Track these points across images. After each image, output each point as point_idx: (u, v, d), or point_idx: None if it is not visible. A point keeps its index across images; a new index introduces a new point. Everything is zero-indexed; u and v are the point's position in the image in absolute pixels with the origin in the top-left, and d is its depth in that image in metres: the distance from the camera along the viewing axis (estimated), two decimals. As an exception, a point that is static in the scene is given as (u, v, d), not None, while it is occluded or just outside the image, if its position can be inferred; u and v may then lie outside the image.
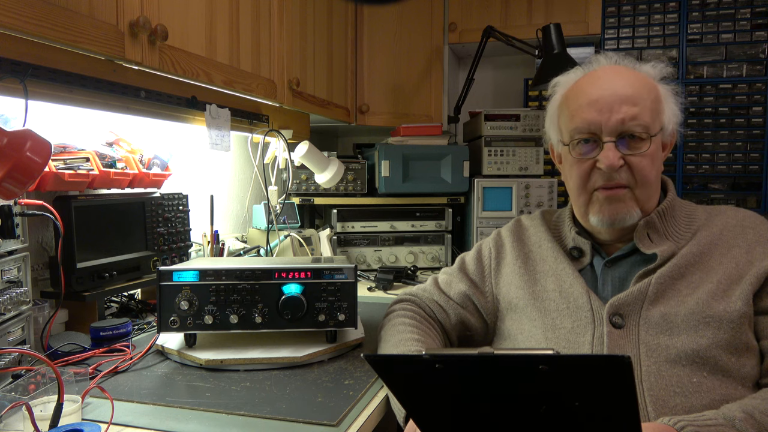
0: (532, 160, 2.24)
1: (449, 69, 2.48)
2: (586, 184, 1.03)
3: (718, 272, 0.96)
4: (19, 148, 0.91)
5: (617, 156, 0.98)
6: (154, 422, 0.85)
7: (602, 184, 1.01)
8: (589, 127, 1.00)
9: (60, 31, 0.95)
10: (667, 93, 1.04)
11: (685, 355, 0.91)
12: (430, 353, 0.63)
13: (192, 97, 1.43)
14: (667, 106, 1.03)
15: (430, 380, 0.68)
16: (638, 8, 2.24)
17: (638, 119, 0.98)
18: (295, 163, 1.88)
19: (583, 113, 1.00)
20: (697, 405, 0.88)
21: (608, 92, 1.00)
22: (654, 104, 1.00)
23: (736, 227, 1.02)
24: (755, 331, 0.95)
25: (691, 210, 1.07)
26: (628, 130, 0.98)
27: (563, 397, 0.64)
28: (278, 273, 1.12)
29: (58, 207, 1.18)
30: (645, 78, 1.03)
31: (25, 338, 1.08)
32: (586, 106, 1.00)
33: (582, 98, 1.02)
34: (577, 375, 0.61)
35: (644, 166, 0.99)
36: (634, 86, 1.00)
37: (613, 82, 1.01)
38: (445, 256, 2.25)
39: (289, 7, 1.70)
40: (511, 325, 1.11)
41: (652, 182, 1.02)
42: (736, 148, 2.17)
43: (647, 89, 1.01)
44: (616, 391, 0.60)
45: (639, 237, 1.02)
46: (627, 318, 0.97)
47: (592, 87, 1.02)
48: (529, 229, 1.19)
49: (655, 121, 1.00)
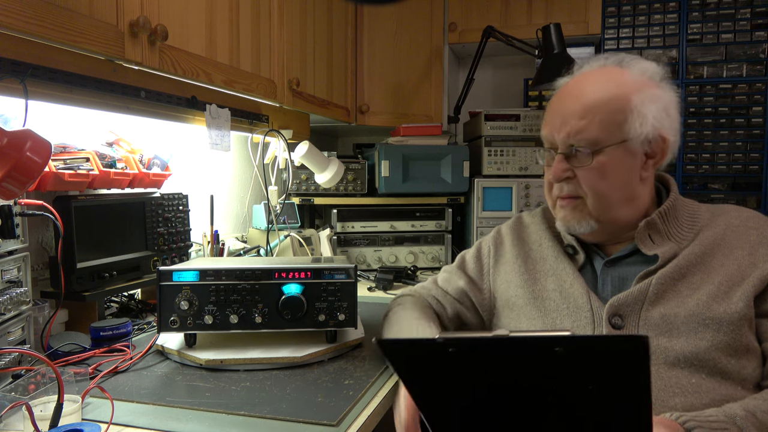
0: (532, 160, 2.24)
1: (449, 69, 2.48)
2: (550, 191, 1.09)
3: (720, 273, 0.96)
4: (19, 148, 0.91)
5: (561, 168, 1.02)
6: (154, 422, 0.85)
7: (557, 193, 1.06)
8: (547, 138, 1.06)
9: (60, 31, 0.95)
10: (646, 100, 0.99)
11: (684, 357, 0.91)
12: (444, 337, 0.63)
13: (192, 97, 1.43)
14: (638, 115, 0.98)
15: (442, 364, 0.67)
16: (638, 8, 2.24)
17: (582, 134, 0.99)
18: (295, 163, 1.88)
19: (547, 124, 1.06)
20: (697, 405, 0.88)
21: (562, 106, 1.04)
22: (612, 115, 0.98)
23: (739, 227, 1.01)
24: (757, 334, 0.94)
25: (694, 209, 1.06)
26: (574, 144, 1.01)
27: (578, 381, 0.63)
28: (278, 273, 1.12)
29: (58, 207, 1.18)
30: (617, 85, 1.00)
31: (25, 338, 1.08)
32: (549, 117, 1.06)
33: (551, 108, 1.08)
34: (593, 357, 0.61)
35: (590, 177, 1.00)
36: (594, 97, 0.99)
37: (575, 93, 1.03)
38: (445, 256, 2.25)
39: (289, 7, 1.70)
40: (509, 323, 1.11)
41: (604, 194, 1.00)
42: (736, 148, 2.17)
43: (610, 98, 0.98)
44: (631, 372, 0.60)
45: (640, 238, 1.02)
46: (626, 318, 0.96)
47: (559, 98, 1.07)
48: (530, 226, 1.19)
49: (610, 132, 0.98)
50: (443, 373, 0.68)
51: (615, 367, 0.61)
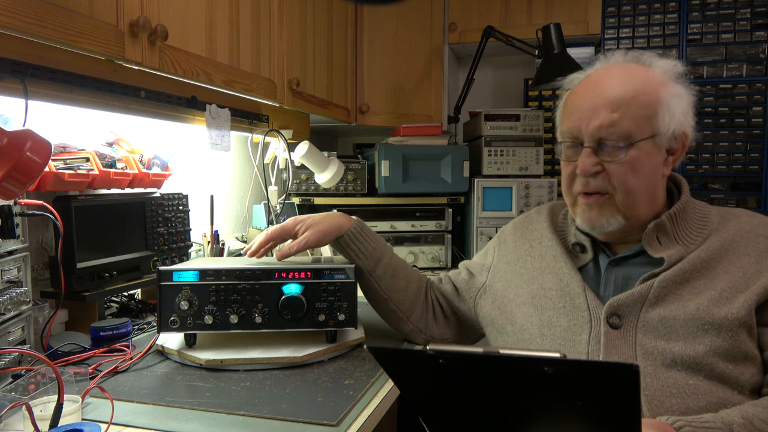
0: (532, 160, 2.24)
1: (449, 69, 2.48)
2: (570, 187, 1.05)
3: (723, 280, 0.95)
4: (19, 148, 0.91)
5: (592, 162, 0.98)
6: (154, 422, 0.85)
7: (581, 189, 1.02)
8: (572, 131, 1.01)
9: (60, 31, 0.95)
10: (672, 95, 0.99)
11: (682, 360, 0.90)
12: (434, 349, 0.63)
13: (192, 97, 1.44)
14: (667, 110, 0.98)
15: (432, 374, 0.68)
16: (638, 8, 2.24)
17: (616, 126, 0.96)
18: (295, 163, 1.88)
19: (571, 116, 1.02)
20: (694, 407, 0.87)
21: (591, 97, 1.00)
22: (642, 109, 0.97)
23: (749, 234, 0.99)
24: (760, 342, 0.93)
25: (705, 212, 1.04)
26: (605, 137, 0.97)
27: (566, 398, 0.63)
28: (278, 273, 1.12)
29: (58, 207, 1.18)
30: (644, 80, 1.00)
31: (25, 338, 1.08)
32: (574, 109, 1.02)
33: (574, 100, 1.03)
34: (582, 379, 0.61)
35: (621, 173, 0.97)
36: (622, 90, 0.98)
37: (602, 86, 1.00)
38: (445, 256, 2.25)
39: (289, 7, 1.70)
40: (504, 319, 1.11)
41: (634, 189, 0.99)
42: (736, 148, 2.17)
43: (639, 92, 0.98)
44: (620, 397, 0.60)
45: (648, 240, 1.00)
46: (624, 319, 0.96)
47: (583, 91, 1.03)
48: (534, 222, 1.19)
49: (641, 126, 0.97)
50: (433, 381, 0.70)
51: (603, 390, 0.61)
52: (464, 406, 0.69)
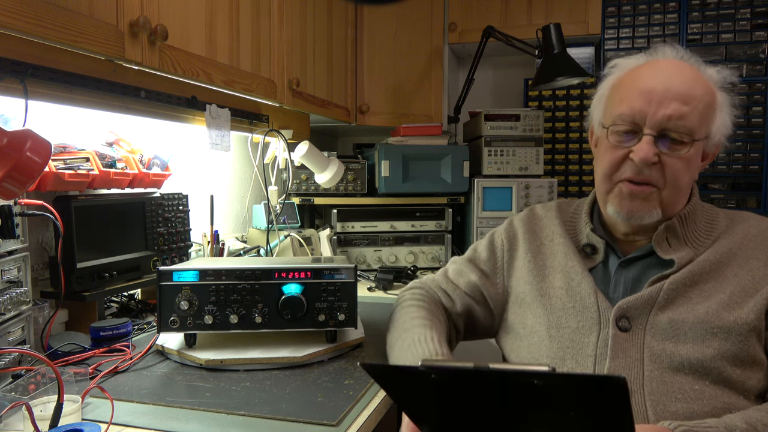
0: (532, 160, 2.24)
1: (449, 69, 2.48)
2: (614, 173, 1.00)
3: (733, 283, 0.94)
4: (19, 148, 0.91)
5: (653, 151, 0.94)
6: (154, 422, 0.85)
7: (629, 176, 0.97)
8: (634, 117, 0.96)
9: (60, 31, 0.95)
10: (723, 102, 0.99)
11: (689, 363, 0.90)
12: (426, 365, 0.64)
13: (192, 97, 1.44)
14: (719, 115, 0.98)
15: (425, 389, 0.69)
16: (638, 8, 2.24)
17: (685, 119, 0.93)
18: (295, 163, 1.88)
19: (633, 100, 0.96)
20: (699, 412, 0.87)
21: (663, 85, 0.95)
22: (706, 109, 0.96)
23: (757, 237, 0.99)
24: (766, 347, 0.93)
25: (713, 215, 1.04)
26: (671, 129, 0.94)
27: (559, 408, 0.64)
28: (278, 273, 1.12)
29: (58, 207, 1.18)
30: (705, 80, 0.98)
31: (25, 338, 1.08)
32: (638, 94, 0.96)
33: (636, 85, 0.98)
34: (572, 392, 0.61)
35: (678, 168, 0.96)
36: (691, 85, 0.95)
37: (672, 76, 0.96)
38: (445, 256, 2.25)
39: (289, 7, 1.70)
40: (515, 318, 1.10)
41: (682, 187, 0.98)
42: (736, 148, 2.17)
43: (704, 92, 0.96)
44: (610, 408, 0.60)
45: (658, 241, 0.99)
46: (634, 321, 0.95)
47: (649, 76, 0.98)
48: (543, 219, 1.16)
49: (702, 126, 0.96)
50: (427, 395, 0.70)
51: (593, 403, 0.61)
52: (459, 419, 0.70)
